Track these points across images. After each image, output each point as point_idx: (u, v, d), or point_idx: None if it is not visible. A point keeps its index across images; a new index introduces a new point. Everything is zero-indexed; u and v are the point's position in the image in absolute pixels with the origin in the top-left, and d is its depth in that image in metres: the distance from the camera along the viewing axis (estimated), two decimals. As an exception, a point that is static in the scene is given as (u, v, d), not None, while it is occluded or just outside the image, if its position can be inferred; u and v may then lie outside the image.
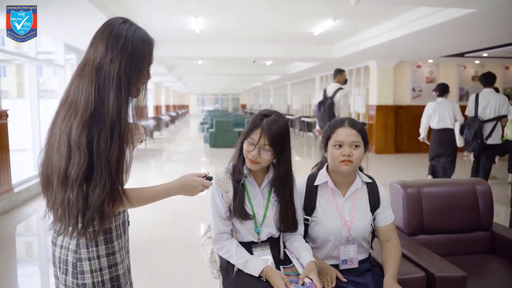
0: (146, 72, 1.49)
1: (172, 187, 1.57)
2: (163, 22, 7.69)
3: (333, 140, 1.96)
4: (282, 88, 25.25)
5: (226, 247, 1.86)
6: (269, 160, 1.83)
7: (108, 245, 1.50)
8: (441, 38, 7.56)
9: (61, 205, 1.40)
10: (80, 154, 1.33)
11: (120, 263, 1.54)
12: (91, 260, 1.46)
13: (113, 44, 1.40)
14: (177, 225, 5.06)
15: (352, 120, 2.01)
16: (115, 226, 1.53)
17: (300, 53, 10.63)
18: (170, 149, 13.27)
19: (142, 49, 1.45)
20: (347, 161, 1.92)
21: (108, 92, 1.37)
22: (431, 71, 11.57)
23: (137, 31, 1.46)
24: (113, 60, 1.39)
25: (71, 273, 1.47)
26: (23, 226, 5.19)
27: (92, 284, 1.46)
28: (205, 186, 1.62)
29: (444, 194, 2.67)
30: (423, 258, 2.20)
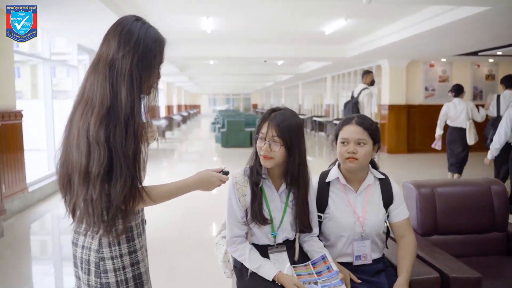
0: (157, 71, 1.50)
1: (190, 182, 1.58)
2: (174, 22, 7.72)
3: (340, 137, 1.99)
4: (293, 88, 25.21)
5: (240, 251, 1.86)
6: (281, 153, 1.79)
7: (129, 243, 1.51)
8: (454, 36, 7.48)
9: (84, 203, 1.40)
10: (100, 150, 1.33)
11: (141, 261, 1.55)
12: (113, 259, 1.47)
13: (126, 41, 1.41)
14: (191, 223, 5.08)
15: (361, 117, 2.01)
16: (135, 225, 1.54)
17: (311, 52, 10.60)
18: (182, 149, 13.33)
19: (154, 48, 1.46)
20: (352, 158, 1.93)
21: (120, 87, 1.38)
22: (444, 70, 11.45)
23: (149, 29, 1.47)
24: (125, 56, 1.40)
25: (94, 273, 1.47)
26: (37, 225, 5.26)
27: (116, 282, 1.47)
28: (222, 181, 1.62)
29: (458, 194, 2.64)
30: (437, 259, 2.18)
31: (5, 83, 5.08)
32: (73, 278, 3.91)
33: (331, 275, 1.78)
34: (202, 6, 6.60)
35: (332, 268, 1.80)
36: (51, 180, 6.55)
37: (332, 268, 1.80)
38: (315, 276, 1.80)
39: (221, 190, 1.78)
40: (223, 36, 9.25)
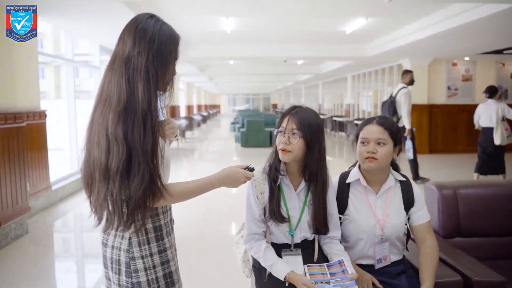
0: (172, 67, 1.50)
1: (216, 179, 1.57)
2: (194, 23, 7.77)
3: (360, 137, 1.97)
4: (313, 88, 25.11)
5: (256, 248, 1.87)
6: (299, 147, 1.78)
7: (159, 242, 1.52)
8: (478, 34, 7.33)
9: (105, 200, 1.42)
10: (118, 146, 1.35)
11: (171, 260, 1.56)
12: (144, 258, 1.48)
13: (140, 37, 1.42)
14: (212, 222, 5.11)
15: (383, 118, 1.99)
16: (164, 223, 1.55)
17: (332, 52, 10.53)
18: (202, 149, 13.41)
19: (169, 44, 1.47)
20: (371, 158, 1.90)
21: (137, 84, 1.39)
22: (468, 69, 11.24)
23: (163, 26, 1.48)
24: (140, 53, 1.41)
25: (125, 272, 1.49)
26: (60, 223, 5.36)
27: (147, 281, 1.48)
28: (247, 177, 1.62)
29: (482, 196, 2.58)
30: (459, 262, 2.13)
31: (30, 84, 5.19)
32: (95, 275, 3.99)
33: (344, 277, 1.76)
34: (222, 6, 6.63)
35: (348, 271, 1.77)
36: (73, 179, 6.67)
37: (347, 271, 1.77)
38: (328, 276, 1.78)
39: (241, 189, 1.78)
40: (243, 36, 9.26)
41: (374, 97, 14.68)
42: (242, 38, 9.52)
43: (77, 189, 6.75)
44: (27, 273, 3.66)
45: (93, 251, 4.51)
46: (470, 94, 11.20)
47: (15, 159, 4.43)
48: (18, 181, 4.49)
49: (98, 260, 4.25)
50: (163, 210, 1.55)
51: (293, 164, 1.86)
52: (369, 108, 15.41)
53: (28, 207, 4.68)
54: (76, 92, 7.26)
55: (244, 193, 1.93)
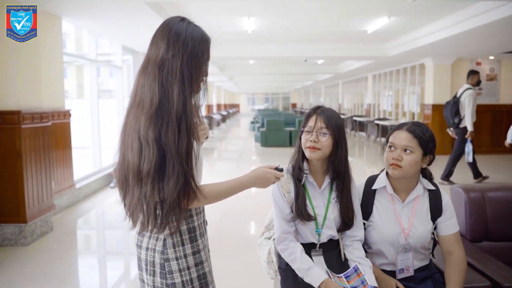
0: (205, 68, 1.52)
1: (247, 180, 1.58)
2: (216, 23, 7.80)
3: (389, 142, 1.92)
4: (333, 87, 24.95)
5: (291, 249, 1.84)
6: (328, 145, 1.81)
7: (193, 244, 1.53)
8: (503, 33, 7.16)
9: (139, 201, 1.43)
10: (150, 148, 1.37)
11: (205, 261, 1.58)
12: (178, 260, 1.50)
13: (174, 41, 1.44)
14: (231, 224, 5.11)
15: (416, 124, 1.91)
16: (197, 225, 1.57)
17: (352, 51, 10.43)
18: (222, 148, 13.45)
19: (201, 45, 1.49)
20: (395, 165, 1.85)
21: (171, 86, 1.40)
22: (492, 68, 11.00)
23: (195, 29, 1.50)
24: (175, 56, 1.43)
25: (159, 274, 1.50)
26: (84, 220, 5.44)
27: (182, 283, 1.50)
28: (277, 178, 1.62)
29: (511, 199, 2.52)
30: (488, 266, 2.09)
31: (55, 84, 5.28)
32: (117, 272, 4.03)
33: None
34: (243, 6, 6.63)
35: (367, 282, 1.74)
36: (96, 177, 6.77)
37: (366, 282, 1.74)
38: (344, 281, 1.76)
39: (260, 191, 1.78)
40: (264, 36, 9.25)
41: (396, 96, 14.50)
42: (263, 38, 9.51)
43: (100, 187, 6.86)
44: (51, 270, 3.73)
45: (115, 249, 4.57)
46: (495, 94, 10.96)
47: (41, 157, 4.52)
48: (44, 179, 4.58)
49: (120, 258, 4.31)
50: (196, 211, 1.57)
51: (317, 163, 1.87)
52: (390, 108, 15.23)
53: (53, 205, 4.77)
54: (98, 91, 7.36)
55: (264, 194, 1.94)
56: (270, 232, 2.10)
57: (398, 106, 14.35)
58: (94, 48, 7.06)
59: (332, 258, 1.89)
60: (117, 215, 5.45)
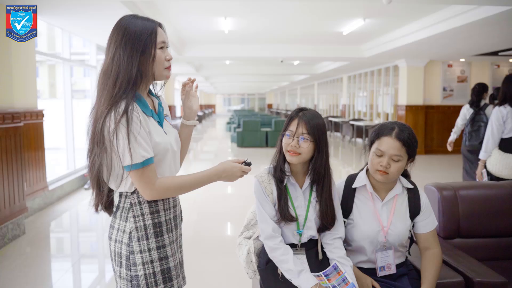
0: (157, 51, 1.54)
1: (213, 173, 1.61)
2: (192, 23, 7.76)
3: (375, 147, 1.90)
4: (309, 88, 25.14)
5: (284, 250, 1.83)
6: (308, 150, 1.81)
7: (158, 238, 1.56)
8: (474, 36, 7.37)
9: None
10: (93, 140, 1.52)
11: (171, 256, 1.59)
12: (142, 253, 1.53)
13: (112, 40, 1.53)
14: (207, 224, 5.10)
15: (403, 129, 1.89)
16: (165, 220, 1.59)
17: (328, 52, 10.55)
18: (197, 149, 13.38)
19: (141, 33, 1.51)
20: (382, 172, 1.87)
21: (104, 83, 1.51)
22: (463, 70, 11.30)
23: (135, 20, 1.55)
24: (115, 55, 1.50)
25: (125, 265, 1.55)
26: (57, 223, 5.33)
27: (144, 275, 1.53)
28: (244, 172, 1.64)
29: (482, 197, 2.60)
30: (460, 263, 2.15)
31: (27, 83, 5.16)
32: (91, 275, 3.98)
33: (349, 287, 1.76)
34: (220, 7, 6.62)
35: (348, 280, 1.77)
36: (70, 178, 6.64)
37: (348, 280, 1.77)
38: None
39: (237, 191, 1.79)
40: (241, 37, 9.26)
41: (370, 97, 14.72)
42: (240, 39, 9.51)
43: (74, 188, 6.73)
44: (24, 274, 3.64)
45: (90, 251, 4.49)
46: (465, 95, 11.26)
47: (13, 159, 4.41)
48: (16, 181, 4.47)
49: (95, 260, 4.24)
50: (165, 207, 1.59)
51: (299, 165, 1.88)
52: (364, 109, 15.45)
53: (25, 207, 4.66)
54: (72, 91, 7.22)
55: (242, 195, 1.94)
56: (249, 232, 2.10)
57: (372, 107, 14.58)
58: (67, 47, 6.92)
59: (311, 257, 1.91)
60: (92, 217, 5.37)
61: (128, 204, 1.54)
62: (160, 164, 1.55)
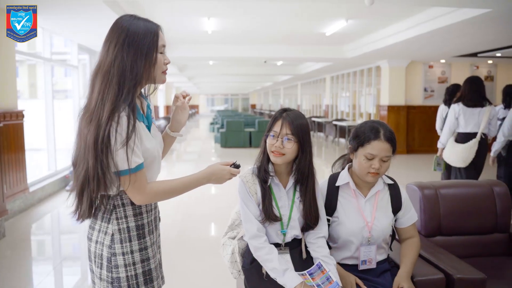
0: (157, 55, 1.52)
1: (201, 177, 1.61)
2: (176, 23, 7.72)
3: (365, 151, 1.93)
4: (292, 88, 25.23)
5: (269, 249, 1.84)
6: (292, 151, 1.83)
7: (141, 240, 1.56)
8: (454, 38, 7.51)
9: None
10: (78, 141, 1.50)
11: (152, 258, 1.60)
12: (125, 255, 1.53)
13: (117, 39, 1.47)
14: (191, 224, 5.08)
15: (386, 129, 1.95)
16: (147, 222, 1.59)
17: (311, 53, 10.61)
18: (181, 149, 13.32)
19: (144, 35, 1.49)
20: (374, 173, 1.92)
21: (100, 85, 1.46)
22: (444, 71, 11.49)
23: (138, 22, 1.51)
24: (117, 56, 1.46)
25: (106, 267, 1.53)
26: (38, 225, 5.25)
27: (126, 277, 1.53)
28: (232, 174, 1.64)
29: (462, 196, 2.66)
30: (441, 260, 2.19)
31: (7, 83, 5.07)
32: (73, 278, 3.92)
33: (332, 286, 1.78)
34: (204, 7, 6.60)
35: (332, 278, 1.79)
36: (51, 180, 6.55)
37: (332, 279, 1.79)
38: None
39: (222, 191, 1.80)
40: (224, 37, 9.25)
41: (353, 98, 14.85)
42: (223, 39, 9.51)
43: (55, 190, 6.64)
44: (4, 278, 3.57)
45: (72, 254, 4.44)
46: (446, 95, 11.44)
47: (-8, 160, 4.33)
48: (-5, 182, 4.39)
49: (77, 263, 4.18)
50: (147, 209, 1.59)
51: (283, 165, 1.89)
52: (347, 109, 15.58)
53: (5, 210, 4.57)
54: (53, 91, 7.12)
55: (225, 195, 1.95)
56: (233, 232, 2.11)
57: (355, 107, 14.70)
58: (48, 47, 6.82)
59: (295, 256, 1.92)
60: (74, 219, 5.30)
61: (111, 206, 1.53)
62: (148, 169, 1.54)
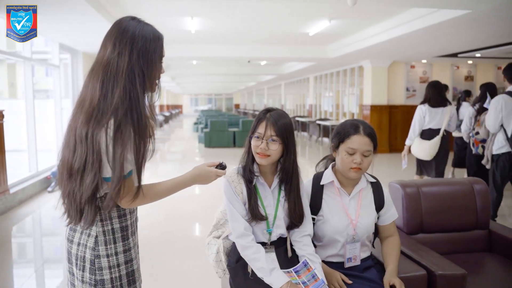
0: (159, 65, 1.53)
1: (187, 178, 1.61)
2: (159, 23, 7.51)
3: (346, 146, 1.97)
4: (276, 88, 25.29)
5: (256, 248, 1.84)
6: (278, 152, 1.84)
7: (125, 242, 1.56)
8: (435, 38, 7.62)
9: (68, 196, 1.47)
10: (82, 146, 1.40)
11: (134, 259, 1.60)
12: (109, 257, 1.51)
13: (120, 39, 1.44)
14: (175, 224, 5.06)
15: (366, 125, 2.00)
16: (130, 223, 1.59)
17: (295, 53, 10.66)
18: (164, 149, 13.25)
19: (153, 42, 1.49)
20: (357, 169, 1.95)
21: (113, 85, 1.40)
22: (425, 71, 11.65)
23: (145, 26, 1.51)
24: (121, 54, 1.42)
25: (89, 269, 1.51)
26: (19, 228, 5.16)
27: (110, 279, 1.52)
28: (218, 175, 1.66)
29: (443, 194, 2.70)
30: (423, 257, 2.23)
31: (-15, 83, 4.98)
32: (55, 281, 3.87)
33: (318, 285, 1.79)
34: (187, 6, 6.58)
35: (318, 276, 1.81)
36: (33, 181, 6.45)
37: (317, 276, 1.81)
38: (302, 287, 1.80)
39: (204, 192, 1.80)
40: (207, 37, 9.23)
41: (336, 97, 14.95)
42: (206, 39, 9.48)
43: (36, 191, 6.53)
44: (-15, 280, 3.51)
45: (54, 256, 4.38)
46: (428, 95, 11.61)
47: (-29, 161, 4.24)
48: (-26, 184, 4.30)
49: (59, 265, 4.13)
50: (130, 210, 1.59)
51: (267, 165, 1.90)
52: (330, 109, 15.68)
53: (-16, 212, 4.49)
54: (33, 91, 7.00)
55: (209, 195, 1.95)
56: (218, 231, 2.11)
57: (338, 106, 14.81)
58: (28, 46, 6.71)
59: (280, 254, 1.93)
60: (56, 221, 5.23)
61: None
62: None
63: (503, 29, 6.75)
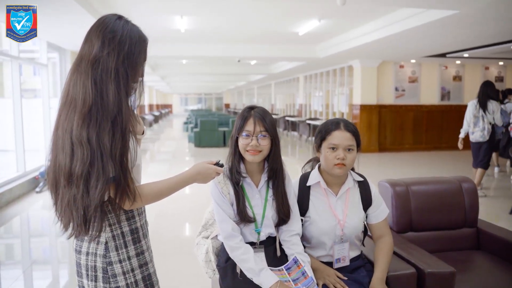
0: (141, 68, 1.50)
1: (187, 176, 1.57)
2: (148, 22, 7.63)
3: (328, 143, 1.97)
4: (266, 88, 25.29)
5: (244, 249, 1.84)
6: (268, 147, 1.85)
7: (136, 245, 1.50)
8: (424, 38, 7.68)
9: (68, 205, 1.38)
10: (83, 149, 1.32)
11: (149, 262, 1.54)
12: (122, 262, 1.45)
13: (110, 39, 1.40)
14: (165, 224, 5.03)
15: (347, 122, 2.01)
16: (140, 225, 1.53)
17: (284, 52, 10.67)
18: (154, 149, 13.19)
19: (138, 45, 1.46)
20: (341, 165, 1.93)
21: (106, 85, 1.36)
22: (414, 71, 11.74)
23: (132, 28, 1.47)
24: (110, 54, 1.38)
25: (102, 278, 1.45)
26: (6, 229, 5.10)
27: (126, 285, 1.46)
28: (218, 173, 1.64)
29: (432, 192, 2.72)
30: (413, 255, 2.24)
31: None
32: (43, 282, 3.83)
33: (307, 283, 1.80)
34: (176, 5, 6.55)
35: (308, 273, 1.82)
36: (20, 182, 6.37)
37: (307, 274, 1.82)
38: (292, 285, 1.81)
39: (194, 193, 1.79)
40: (197, 36, 9.20)
41: (326, 97, 15.00)
42: (196, 38, 9.45)
43: (24, 192, 6.45)
44: (-29, 282, 3.47)
45: (42, 257, 4.33)
46: (416, 95, 11.72)
47: (-43, 161, 4.18)
48: (-40, 185, 4.24)
49: (47, 267, 4.09)
50: (138, 212, 1.54)
51: (255, 164, 1.90)
52: (320, 108, 15.73)
53: (-29, 212, 4.43)
54: (21, 90, 6.92)
55: (199, 194, 1.94)
56: (207, 232, 2.10)
57: (328, 106, 14.85)
58: (16, 44, 6.62)
59: (269, 254, 1.93)
60: (44, 222, 5.18)
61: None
62: (135, 174, 1.49)
63: (491, 30, 6.83)
